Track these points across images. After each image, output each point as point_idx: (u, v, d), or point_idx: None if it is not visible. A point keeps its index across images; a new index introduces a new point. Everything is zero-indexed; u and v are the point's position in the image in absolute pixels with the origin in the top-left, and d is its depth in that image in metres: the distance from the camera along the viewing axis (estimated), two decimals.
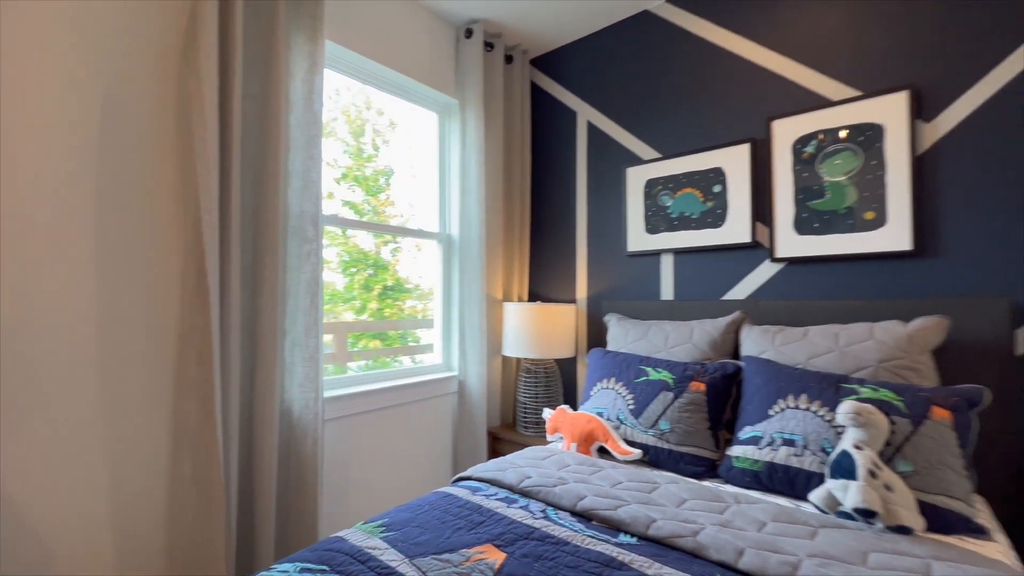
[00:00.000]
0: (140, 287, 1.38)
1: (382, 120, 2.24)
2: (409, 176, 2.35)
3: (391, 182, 2.29)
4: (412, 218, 2.36)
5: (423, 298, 2.40)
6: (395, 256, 2.32)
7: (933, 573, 0.87)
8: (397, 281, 2.31)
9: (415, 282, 2.38)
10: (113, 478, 1.33)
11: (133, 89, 1.37)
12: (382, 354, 2.23)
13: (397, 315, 2.31)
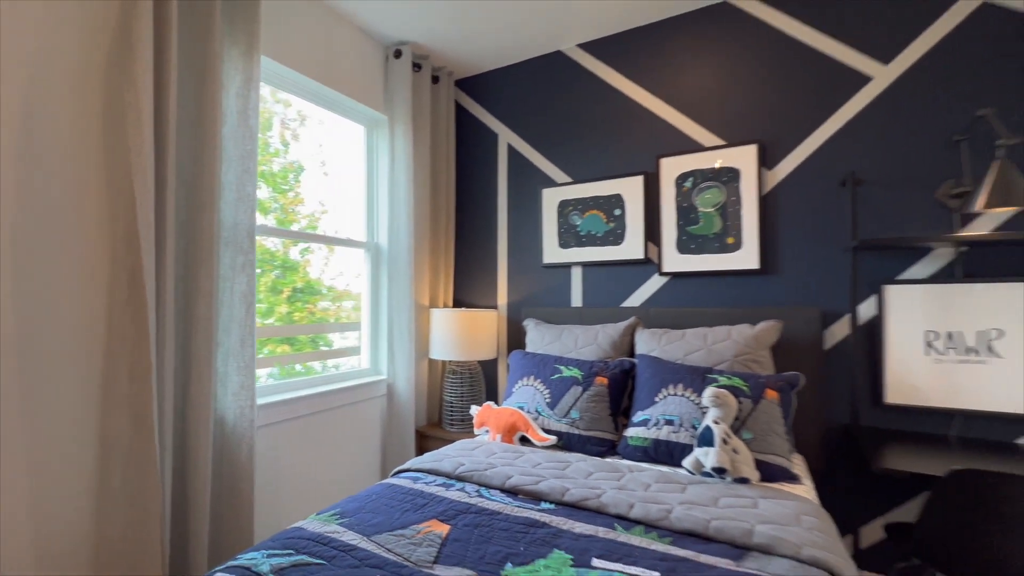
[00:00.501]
0: (63, 299, 1.35)
1: (290, 112, 2.17)
2: (321, 174, 2.31)
3: (300, 179, 2.22)
4: (323, 218, 2.32)
5: (338, 300, 2.42)
6: (304, 257, 2.26)
7: (759, 506, 1.23)
8: (308, 283, 2.28)
9: (328, 284, 2.35)
10: (35, 492, 1.29)
11: (55, 95, 1.34)
12: (295, 359, 2.18)
13: (308, 319, 2.26)
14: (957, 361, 1.73)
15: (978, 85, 1.73)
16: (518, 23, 2.30)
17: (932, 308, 1.76)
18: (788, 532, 1.09)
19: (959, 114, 1.75)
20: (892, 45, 1.86)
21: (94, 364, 1.41)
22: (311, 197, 2.29)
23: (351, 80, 2.32)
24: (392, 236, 2.48)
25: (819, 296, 1.95)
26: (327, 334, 2.34)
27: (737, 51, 2.13)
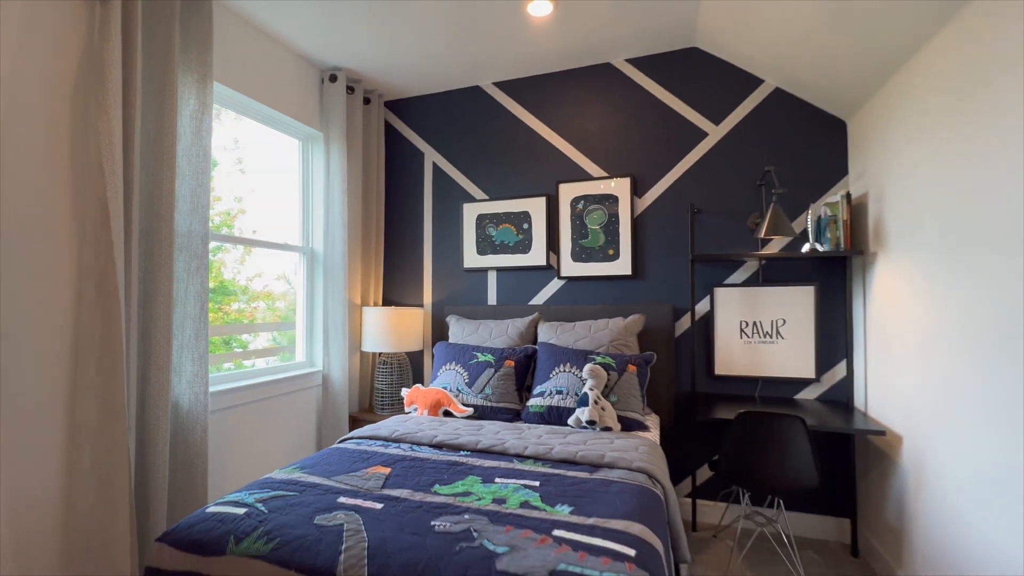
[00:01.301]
0: (34, 300, 1.53)
1: None
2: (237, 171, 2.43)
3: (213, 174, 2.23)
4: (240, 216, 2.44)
5: (253, 300, 2.55)
6: (216, 256, 2.32)
7: (614, 443, 1.75)
8: (221, 283, 2.38)
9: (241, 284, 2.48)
10: (8, 478, 1.47)
11: (26, 116, 1.52)
12: (237, 358, 2.38)
13: (222, 319, 2.37)
14: (759, 342, 2.42)
15: (771, 146, 2.44)
16: (441, 59, 2.70)
17: (744, 304, 2.44)
18: (627, 455, 1.61)
19: (759, 166, 2.45)
20: (721, 111, 2.53)
21: (63, 357, 1.60)
22: (227, 195, 2.38)
23: (290, 100, 2.58)
24: (328, 241, 2.76)
25: (671, 296, 2.58)
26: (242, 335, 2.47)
27: (616, 102, 2.71)
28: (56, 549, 1.58)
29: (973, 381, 1.41)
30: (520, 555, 1.02)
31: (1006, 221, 1.26)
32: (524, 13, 2.26)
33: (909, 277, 1.80)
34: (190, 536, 1.17)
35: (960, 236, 1.48)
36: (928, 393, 1.67)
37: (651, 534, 1.15)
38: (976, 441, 1.40)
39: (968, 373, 1.44)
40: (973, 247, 1.41)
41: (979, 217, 1.38)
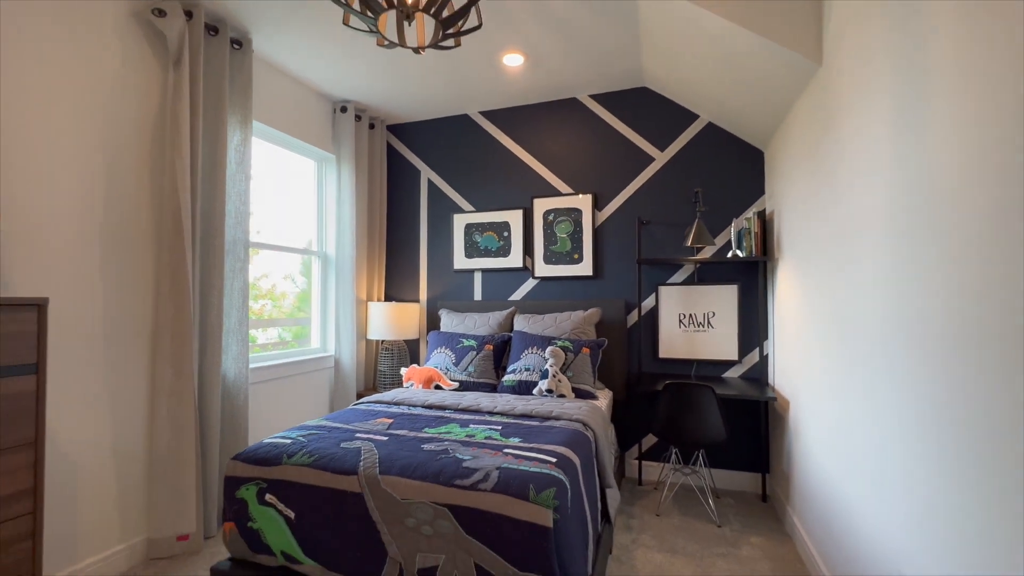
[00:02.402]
0: (127, 292, 2.06)
1: None
2: (265, 188, 3.09)
3: None
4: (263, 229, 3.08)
5: (273, 299, 3.09)
6: None
7: (564, 405, 2.28)
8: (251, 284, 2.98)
9: (263, 287, 3.01)
10: (113, 418, 2.00)
11: (123, 154, 2.04)
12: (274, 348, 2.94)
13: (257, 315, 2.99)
14: (694, 331, 2.95)
15: (705, 169, 2.97)
16: (434, 92, 3.23)
17: (682, 300, 2.97)
18: (570, 412, 2.14)
19: (696, 186, 2.98)
20: (665, 139, 3.06)
21: (147, 335, 2.12)
22: (257, 208, 2.95)
23: (308, 129, 3.10)
24: (339, 246, 3.28)
25: (625, 292, 3.11)
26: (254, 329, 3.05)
27: (581, 130, 3.24)
28: (143, 473, 2.11)
29: (821, 356, 1.94)
30: (479, 460, 1.55)
31: (835, 235, 1.79)
32: (501, 63, 2.79)
33: (789, 277, 2.34)
34: (255, 455, 1.70)
35: (810, 246, 2.01)
36: (798, 367, 2.20)
37: (572, 453, 1.68)
38: (824, 402, 1.92)
39: (818, 350, 1.97)
40: (817, 255, 1.94)
41: (819, 232, 1.91)
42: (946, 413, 1.03)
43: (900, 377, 1.24)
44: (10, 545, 1.35)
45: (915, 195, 1.16)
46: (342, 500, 1.52)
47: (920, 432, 1.14)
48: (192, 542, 2.15)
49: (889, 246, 1.30)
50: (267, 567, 1.64)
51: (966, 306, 0.95)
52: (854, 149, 1.55)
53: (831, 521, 1.76)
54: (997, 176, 0.86)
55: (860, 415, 1.51)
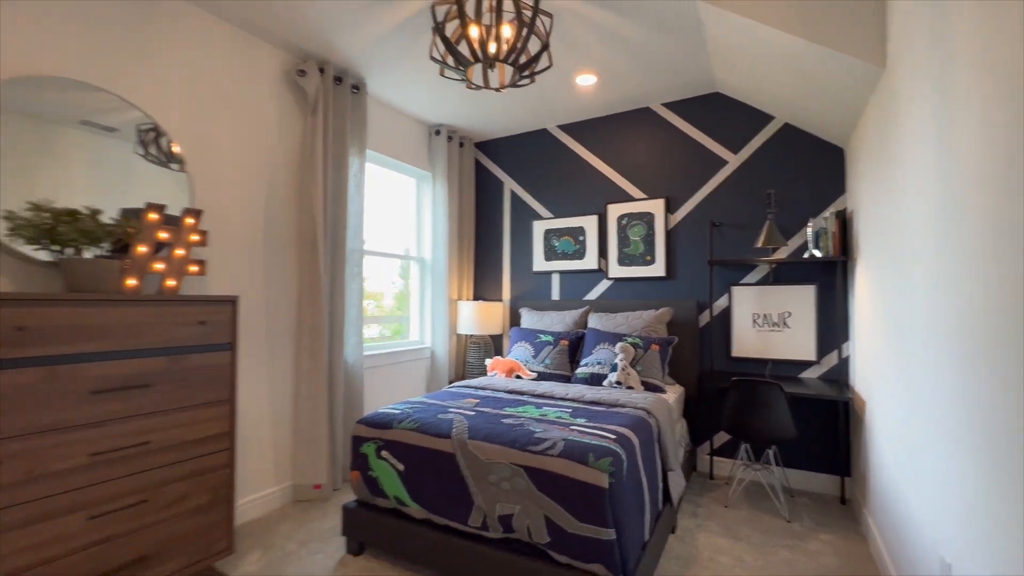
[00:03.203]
0: (280, 293, 2.65)
1: None
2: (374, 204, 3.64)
3: None
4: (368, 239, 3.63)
5: (376, 299, 3.68)
6: None
7: (631, 395, 2.49)
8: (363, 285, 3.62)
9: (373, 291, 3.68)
10: (270, 391, 2.59)
11: (276, 183, 2.64)
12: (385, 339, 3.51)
13: None
14: (768, 330, 2.98)
15: (777, 171, 2.98)
16: (516, 113, 3.58)
17: (757, 300, 3.01)
18: (636, 401, 2.35)
19: (771, 186, 3.00)
20: (738, 142, 3.12)
21: (291, 329, 2.71)
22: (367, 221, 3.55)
23: (409, 151, 3.61)
24: (434, 252, 3.76)
25: (697, 293, 3.21)
26: None
27: (654, 137, 3.39)
28: (290, 434, 2.69)
29: (888, 357, 1.95)
30: (548, 433, 1.85)
31: (895, 236, 1.83)
32: (575, 83, 3.06)
33: (863, 278, 2.32)
34: (374, 420, 2.15)
35: (878, 247, 2.03)
36: (871, 368, 2.20)
37: (631, 433, 1.91)
38: (890, 404, 1.94)
39: (884, 351, 1.98)
40: (884, 256, 1.96)
41: (884, 233, 1.94)
42: (993, 421, 1.13)
43: (950, 383, 1.32)
44: (216, 469, 1.90)
45: (952, 198, 1.25)
46: (439, 458, 1.91)
47: (975, 442, 1.23)
48: (324, 490, 2.70)
49: (934, 248, 1.38)
50: (383, 508, 2.07)
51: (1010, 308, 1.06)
52: (906, 152, 1.61)
53: (897, 526, 1.80)
54: None
55: (920, 419, 1.57)
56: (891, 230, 1.86)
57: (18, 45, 1.74)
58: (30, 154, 1.74)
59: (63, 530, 1.49)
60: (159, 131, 2.12)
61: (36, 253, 1.73)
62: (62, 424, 1.49)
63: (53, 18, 1.83)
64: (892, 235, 1.85)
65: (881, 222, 2.02)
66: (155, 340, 1.73)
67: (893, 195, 1.81)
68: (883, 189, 1.97)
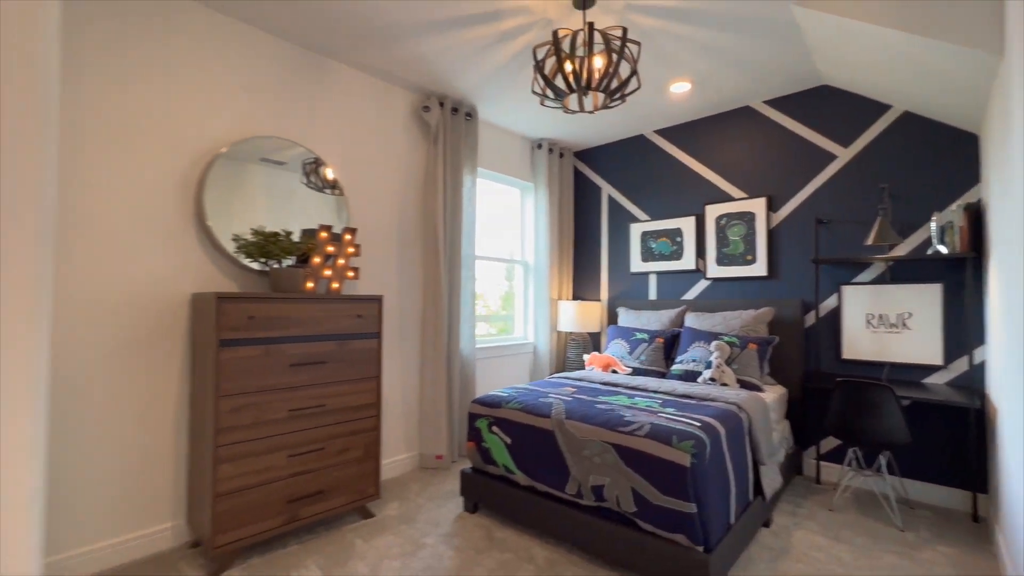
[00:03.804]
0: (407, 296, 3.18)
1: None
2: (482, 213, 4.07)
3: None
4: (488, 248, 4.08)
5: (485, 299, 4.11)
6: None
7: (724, 391, 2.58)
8: None
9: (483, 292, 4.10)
10: (402, 374, 3.13)
11: (406, 199, 3.17)
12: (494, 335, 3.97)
13: None
14: (885, 332, 2.82)
15: (894, 163, 2.81)
16: (613, 122, 3.78)
17: (871, 300, 2.87)
18: (728, 397, 2.44)
19: (888, 180, 2.84)
20: (849, 135, 2.99)
21: (418, 324, 3.24)
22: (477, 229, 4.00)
23: (513, 165, 4.01)
24: (536, 256, 4.11)
25: (802, 292, 3.13)
26: None
27: (754, 135, 3.37)
28: (417, 410, 3.22)
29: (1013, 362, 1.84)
30: (636, 417, 2.06)
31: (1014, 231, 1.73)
32: (669, 91, 3.19)
33: (995, 276, 2.15)
34: (486, 400, 2.54)
35: (1003, 242, 1.90)
36: (1000, 374, 2.04)
37: (717, 423, 2.04)
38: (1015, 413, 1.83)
39: (1009, 354, 1.86)
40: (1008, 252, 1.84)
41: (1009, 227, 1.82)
42: None
43: None
44: (368, 431, 2.43)
45: None
46: (540, 434, 2.22)
47: None
48: (445, 461, 3.18)
49: None
50: (494, 475, 2.45)
51: None
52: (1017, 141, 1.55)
53: None
54: None
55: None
56: (1010, 223, 1.76)
57: (234, 120, 2.42)
58: (231, 188, 2.40)
59: (273, 462, 2.09)
60: (319, 163, 2.73)
61: (251, 264, 2.39)
62: (273, 386, 2.09)
63: (255, 93, 2.50)
64: (1012, 229, 1.75)
65: (1007, 216, 1.89)
66: (328, 328, 2.29)
67: (1005, 184, 1.72)
68: (1007, 178, 1.86)
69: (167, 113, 2.19)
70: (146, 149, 2.13)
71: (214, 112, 2.34)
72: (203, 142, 2.30)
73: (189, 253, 2.24)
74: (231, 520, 1.96)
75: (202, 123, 2.30)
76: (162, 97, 2.18)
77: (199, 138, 2.29)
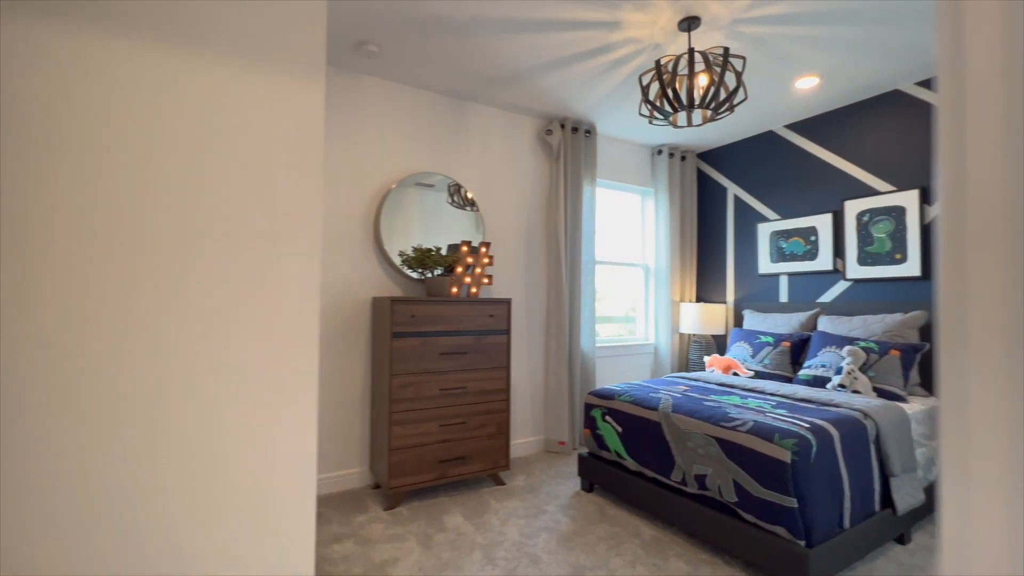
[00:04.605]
0: (534, 298, 3.61)
1: None
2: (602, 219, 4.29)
3: None
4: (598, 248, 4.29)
5: (605, 300, 4.31)
6: None
7: (853, 399, 2.47)
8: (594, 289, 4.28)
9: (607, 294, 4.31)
10: (530, 367, 3.57)
11: (532, 212, 3.60)
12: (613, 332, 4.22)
13: None
14: None
15: None
16: (737, 121, 3.73)
17: None
18: (852, 402, 2.35)
19: None
20: None
21: (542, 322, 3.64)
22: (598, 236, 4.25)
23: (632, 173, 4.19)
24: (657, 260, 4.23)
25: None
26: None
27: (902, 121, 3.06)
28: (542, 400, 3.63)
29: None
30: (742, 415, 2.16)
31: None
32: (795, 87, 3.09)
33: None
34: (600, 392, 2.82)
35: None
36: None
37: (831, 427, 2.04)
38: None
39: None
40: None
41: None
42: None
43: None
44: (499, 412, 2.90)
45: None
46: (648, 425, 2.44)
47: None
48: (566, 447, 3.53)
49: None
50: (607, 460, 2.72)
51: None
52: None
53: None
54: None
55: None
56: None
57: (398, 161, 3.10)
58: (395, 213, 3.06)
59: (428, 430, 2.67)
60: (460, 185, 3.29)
61: (411, 273, 3.04)
62: (429, 370, 2.67)
63: (412, 139, 3.15)
64: None
65: None
66: (468, 326, 2.81)
67: None
68: None
69: (355, 164, 2.93)
70: (341, 191, 2.89)
71: (386, 158, 3.04)
72: (377, 182, 3.01)
73: (369, 266, 2.96)
74: (400, 469, 2.58)
75: (377, 168, 3.01)
76: (351, 152, 2.92)
77: (375, 180, 3.00)
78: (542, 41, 2.62)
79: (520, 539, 2.26)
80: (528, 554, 2.12)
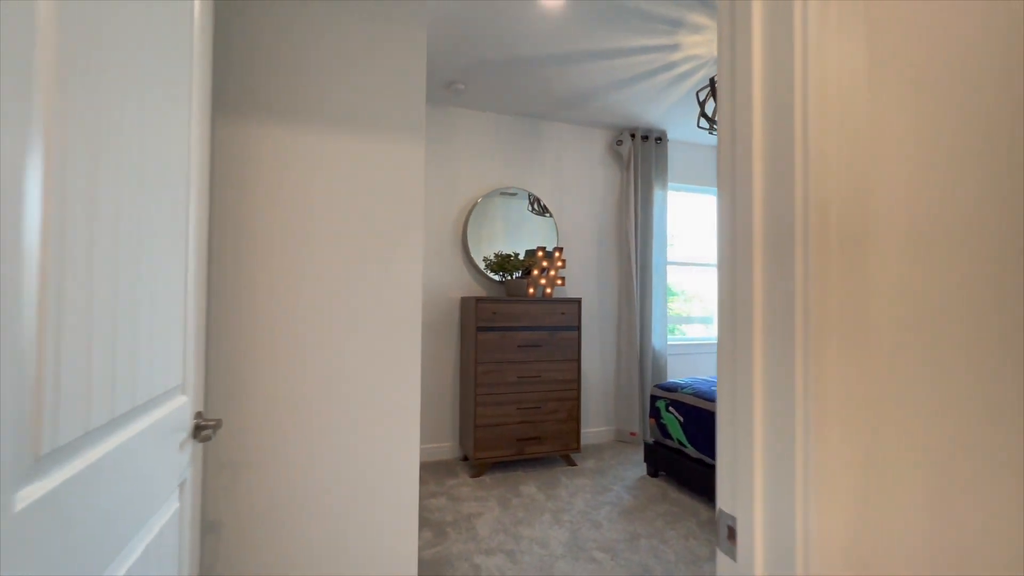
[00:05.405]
0: (605, 296, 3.87)
1: None
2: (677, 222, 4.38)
3: None
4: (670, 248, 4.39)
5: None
6: None
7: None
8: (668, 289, 4.39)
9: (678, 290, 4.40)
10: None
11: (603, 217, 3.87)
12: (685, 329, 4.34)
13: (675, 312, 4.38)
14: None
15: None
16: None
17: None
18: None
19: None
20: None
21: (613, 320, 3.90)
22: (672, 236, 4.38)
23: (702, 175, 4.27)
24: None
25: None
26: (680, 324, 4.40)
27: None
28: (613, 395, 3.89)
29: None
30: None
31: None
32: None
33: None
34: (664, 386, 3.04)
35: None
36: None
37: None
38: None
39: None
40: None
41: None
42: None
43: None
44: (571, 399, 3.24)
45: None
46: (707, 416, 2.63)
47: None
48: (637, 438, 3.76)
49: None
50: (670, 447, 2.94)
51: None
52: None
53: None
54: None
55: None
56: None
57: (483, 178, 3.54)
58: (481, 223, 3.50)
59: (508, 411, 3.08)
60: (538, 197, 3.66)
61: (493, 276, 3.47)
62: (508, 360, 3.08)
63: (495, 157, 3.58)
64: None
65: None
66: (542, 322, 3.18)
67: None
68: None
69: (447, 183, 3.43)
70: (435, 208, 3.40)
71: (472, 176, 3.51)
72: (464, 197, 3.49)
73: (457, 269, 3.45)
74: (485, 444, 3.02)
75: (465, 184, 3.49)
76: (444, 173, 3.43)
77: (463, 195, 3.48)
78: (609, 65, 2.90)
79: (585, 508, 2.58)
80: (591, 520, 2.45)
